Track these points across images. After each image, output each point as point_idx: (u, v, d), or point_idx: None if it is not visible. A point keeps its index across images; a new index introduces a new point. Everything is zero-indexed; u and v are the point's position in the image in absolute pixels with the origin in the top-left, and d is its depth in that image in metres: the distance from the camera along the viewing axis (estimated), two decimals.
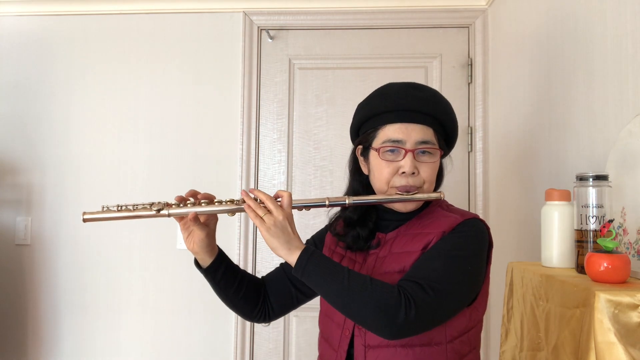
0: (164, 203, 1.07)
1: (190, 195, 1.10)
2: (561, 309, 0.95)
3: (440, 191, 1.11)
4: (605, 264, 0.88)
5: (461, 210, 1.13)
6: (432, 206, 1.14)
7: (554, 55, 1.56)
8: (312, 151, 2.39)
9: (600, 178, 1.02)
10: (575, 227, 1.06)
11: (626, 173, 1.05)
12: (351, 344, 1.07)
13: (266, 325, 2.32)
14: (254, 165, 2.37)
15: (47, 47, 2.44)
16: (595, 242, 1.00)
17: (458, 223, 1.05)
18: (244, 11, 2.39)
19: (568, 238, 1.11)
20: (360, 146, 1.16)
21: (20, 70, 2.44)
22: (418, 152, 1.08)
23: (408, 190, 1.07)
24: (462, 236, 1.04)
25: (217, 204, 1.08)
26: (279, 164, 2.39)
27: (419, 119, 1.09)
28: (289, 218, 1.01)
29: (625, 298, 0.79)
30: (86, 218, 1.09)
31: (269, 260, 2.32)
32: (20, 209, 2.41)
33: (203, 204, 1.08)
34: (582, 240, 1.03)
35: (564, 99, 1.48)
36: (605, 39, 1.25)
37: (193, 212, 1.07)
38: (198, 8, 2.40)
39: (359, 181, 1.18)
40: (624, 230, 1.04)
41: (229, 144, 2.37)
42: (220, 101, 2.38)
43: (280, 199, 1.04)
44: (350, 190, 1.19)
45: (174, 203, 1.09)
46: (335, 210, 1.20)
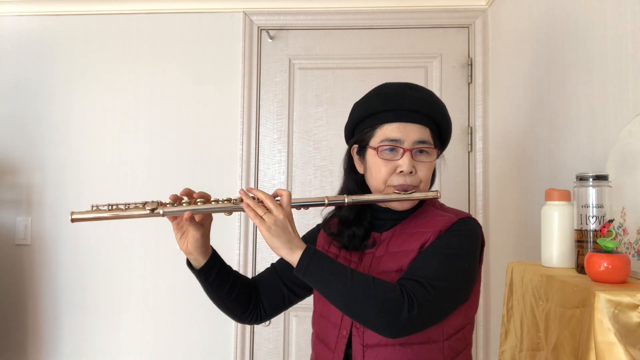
0: (157, 202, 1.02)
1: (185, 193, 1.06)
2: (561, 309, 0.95)
3: (437, 190, 1.11)
4: (605, 264, 0.88)
5: (455, 210, 1.14)
6: (426, 205, 1.15)
7: (553, 56, 1.56)
8: (312, 151, 2.39)
9: (600, 178, 1.02)
10: (575, 227, 1.06)
11: (626, 173, 1.05)
12: (348, 344, 1.07)
13: (266, 325, 2.32)
14: (254, 165, 2.37)
15: (47, 47, 2.44)
16: (595, 242, 1.00)
17: (454, 222, 1.07)
18: (244, 11, 2.39)
19: (568, 238, 1.11)
20: (356, 145, 1.16)
21: (20, 70, 2.44)
22: (416, 152, 1.09)
23: (406, 189, 1.08)
24: (458, 235, 1.05)
25: (214, 203, 1.03)
26: (279, 164, 2.39)
27: (417, 118, 1.09)
28: (289, 217, 1.00)
29: (625, 298, 0.79)
30: (74, 218, 1.02)
31: (269, 260, 2.32)
32: (20, 209, 2.41)
33: (199, 203, 1.03)
34: (582, 240, 1.03)
35: (564, 99, 1.48)
36: (605, 39, 1.25)
37: (189, 212, 1.02)
38: (198, 8, 2.40)
39: (354, 180, 1.18)
40: (624, 230, 1.04)
41: (229, 144, 2.37)
42: (220, 101, 2.38)
43: (279, 198, 1.02)
44: (345, 189, 1.19)
45: (168, 202, 1.04)
46: (328, 209, 1.18)
